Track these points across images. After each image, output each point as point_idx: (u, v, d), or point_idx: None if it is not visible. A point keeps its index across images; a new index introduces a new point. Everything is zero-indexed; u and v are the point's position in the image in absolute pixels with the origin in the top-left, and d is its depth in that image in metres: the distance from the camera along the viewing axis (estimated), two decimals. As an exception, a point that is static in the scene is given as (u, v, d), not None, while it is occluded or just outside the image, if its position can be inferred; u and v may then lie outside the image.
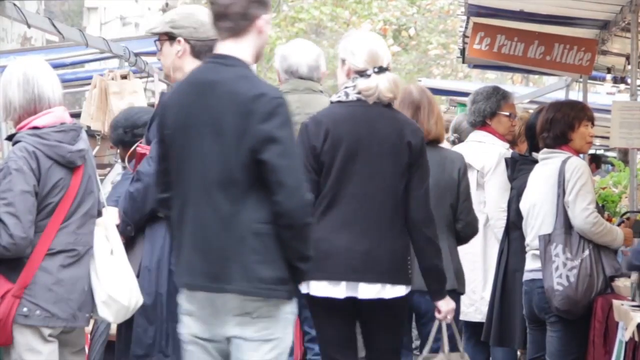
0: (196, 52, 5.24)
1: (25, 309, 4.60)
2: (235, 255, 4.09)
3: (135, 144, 5.54)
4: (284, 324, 4.17)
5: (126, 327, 5.12)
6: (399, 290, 4.91)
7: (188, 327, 4.21)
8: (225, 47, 4.20)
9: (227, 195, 4.10)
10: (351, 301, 4.91)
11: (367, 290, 4.88)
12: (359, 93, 4.99)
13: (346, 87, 5.03)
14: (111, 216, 4.97)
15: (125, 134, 6.01)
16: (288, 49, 6.10)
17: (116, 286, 4.78)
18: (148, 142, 5.21)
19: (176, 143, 4.19)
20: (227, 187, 4.10)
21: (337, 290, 4.88)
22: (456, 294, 5.63)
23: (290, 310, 4.19)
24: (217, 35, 4.26)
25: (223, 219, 4.09)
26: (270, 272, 4.10)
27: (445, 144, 8.12)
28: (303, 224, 4.09)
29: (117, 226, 4.99)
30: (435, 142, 5.75)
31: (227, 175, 4.11)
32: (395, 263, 4.92)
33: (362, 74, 4.97)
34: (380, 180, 4.93)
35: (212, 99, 4.16)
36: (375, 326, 5.02)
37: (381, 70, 4.98)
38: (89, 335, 5.93)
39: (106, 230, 4.86)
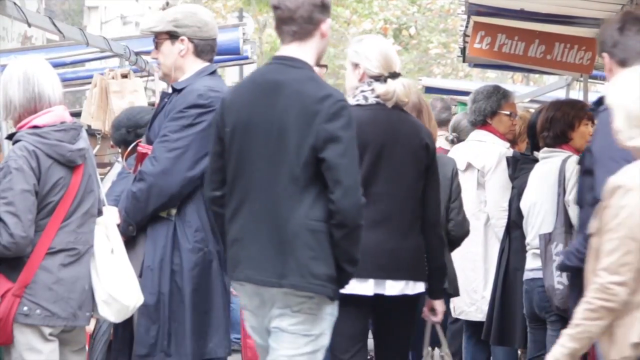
0: (198, 52, 5.24)
1: (25, 308, 4.60)
2: (290, 250, 4.25)
3: (133, 144, 5.54)
4: (324, 322, 4.32)
5: (123, 327, 5.12)
6: (420, 287, 5.10)
7: (248, 320, 4.46)
8: (290, 49, 4.37)
9: (287, 192, 4.26)
10: (375, 298, 5.03)
11: (393, 287, 5.03)
12: (377, 97, 5.08)
13: (363, 91, 5.11)
14: (112, 215, 4.98)
15: (128, 134, 6.02)
16: None
17: (117, 285, 4.78)
18: (149, 142, 5.21)
19: (236, 140, 4.35)
20: (287, 184, 4.27)
21: (365, 287, 4.99)
22: (446, 294, 5.73)
23: (331, 311, 4.33)
24: (280, 38, 4.42)
25: (281, 214, 4.26)
26: (322, 269, 4.25)
27: (444, 143, 8.16)
28: (355, 225, 4.25)
29: (118, 226, 4.99)
30: None
31: (287, 172, 4.27)
32: (417, 260, 5.09)
33: (377, 78, 5.06)
34: (403, 182, 5.07)
35: (278, 98, 4.32)
36: (395, 322, 5.15)
37: (395, 75, 5.07)
38: (89, 335, 5.93)
39: (107, 229, 4.86)
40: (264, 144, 4.32)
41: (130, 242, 5.08)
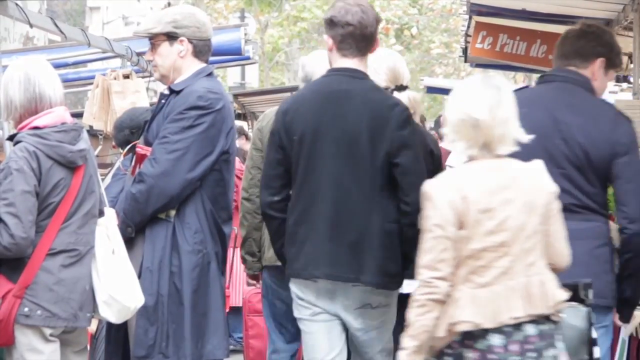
0: (197, 52, 5.24)
1: (26, 309, 4.60)
2: (368, 250, 4.63)
3: (129, 145, 5.52)
4: (394, 309, 4.80)
5: (116, 328, 5.11)
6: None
7: (299, 310, 4.79)
8: (352, 62, 4.74)
9: (362, 195, 4.64)
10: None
11: (410, 286, 5.11)
12: None
13: None
14: (112, 217, 4.97)
15: (131, 135, 6.02)
16: (306, 59, 6.14)
17: (117, 286, 4.77)
18: (147, 143, 5.20)
19: (305, 147, 4.68)
20: (362, 187, 4.63)
21: (413, 287, 5.02)
22: None
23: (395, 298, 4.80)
24: (343, 52, 4.76)
25: (357, 216, 4.63)
26: (395, 268, 4.68)
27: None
28: None
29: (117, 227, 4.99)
30: None
31: (362, 176, 4.64)
32: None
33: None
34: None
35: (348, 106, 4.67)
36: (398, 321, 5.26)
37: (402, 88, 5.20)
38: (91, 335, 5.92)
39: (107, 230, 4.85)
40: (335, 150, 4.66)
41: (128, 244, 5.07)
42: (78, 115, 8.05)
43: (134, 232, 5.10)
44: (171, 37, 5.20)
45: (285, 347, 6.02)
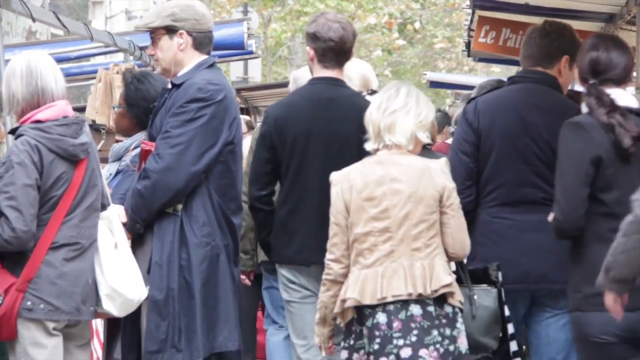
0: (197, 44, 5.22)
1: (29, 303, 4.60)
2: None
3: (137, 142, 5.51)
4: None
5: (131, 323, 5.11)
6: None
7: (289, 293, 5.25)
8: (334, 73, 5.33)
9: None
10: None
11: None
12: None
13: None
14: (117, 213, 4.97)
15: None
16: (298, 72, 6.33)
17: (120, 279, 4.78)
18: (151, 139, 5.20)
19: (298, 148, 5.19)
20: None
21: None
22: None
23: None
24: (325, 64, 5.31)
25: None
26: None
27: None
28: None
29: (125, 224, 4.98)
30: None
31: None
32: None
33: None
34: None
35: (337, 111, 5.27)
36: None
37: (373, 92, 5.69)
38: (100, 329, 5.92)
39: (110, 224, 4.86)
40: (326, 150, 5.25)
41: (137, 239, 5.07)
42: (81, 109, 8.05)
43: (142, 228, 5.09)
44: (170, 30, 5.19)
45: (285, 322, 6.08)
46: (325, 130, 5.24)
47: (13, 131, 4.78)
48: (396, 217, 4.50)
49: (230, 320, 5.13)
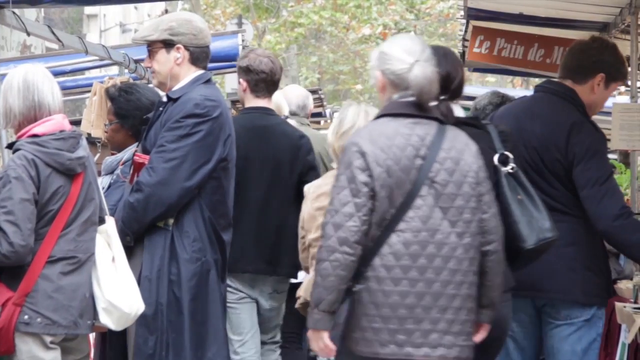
0: (194, 59, 5.23)
1: (26, 317, 4.60)
2: (283, 249, 5.97)
3: (130, 153, 5.51)
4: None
5: (117, 335, 5.09)
6: None
7: (228, 297, 5.58)
8: (263, 102, 6.03)
9: (282, 206, 5.98)
10: None
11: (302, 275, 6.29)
12: None
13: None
14: (113, 224, 4.96)
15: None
16: (287, 88, 7.48)
17: (117, 293, 4.77)
18: (145, 151, 5.19)
19: (237, 170, 5.41)
20: (281, 202, 5.98)
21: (302, 276, 6.17)
22: None
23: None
24: (258, 93, 6.03)
25: (276, 224, 6.02)
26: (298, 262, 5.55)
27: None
28: None
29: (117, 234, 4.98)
30: None
31: (280, 193, 5.99)
32: None
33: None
34: None
35: (270, 138, 5.97)
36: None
37: (287, 117, 6.47)
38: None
39: (108, 237, 4.85)
40: (261, 173, 5.94)
41: (127, 252, 5.06)
42: (76, 123, 8.04)
43: (132, 240, 5.09)
44: (168, 44, 5.19)
45: None
46: (260, 154, 5.94)
47: (10, 145, 4.77)
48: None
49: (219, 336, 5.12)
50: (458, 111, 4.51)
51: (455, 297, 4.08)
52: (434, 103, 4.14)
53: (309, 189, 5.22)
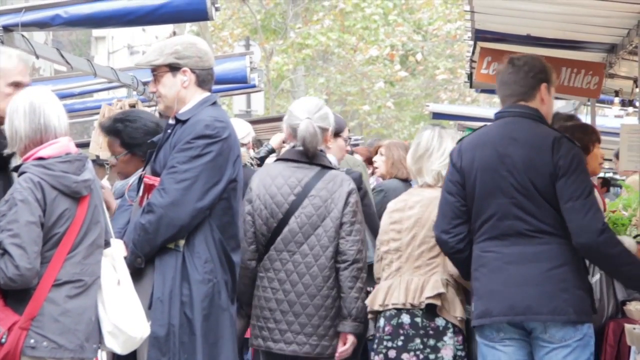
0: (200, 82, 5.24)
1: (32, 341, 4.58)
2: None
3: (137, 176, 5.50)
4: None
5: (128, 357, 5.07)
6: None
7: None
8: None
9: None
10: None
11: None
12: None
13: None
14: (119, 248, 4.95)
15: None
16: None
17: (123, 317, 4.75)
18: (154, 173, 5.18)
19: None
20: None
21: None
22: None
23: None
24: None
25: None
26: None
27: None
28: None
29: (125, 258, 4.97)
30: None
31: None
32: None
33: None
34: None
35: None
36: None
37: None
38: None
39: (113, 261, 4.84)
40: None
41: (137, 274, 5.05)
42: (85, 145, 8.06)
43: (143, 262, 5.08)
44: (173, 68, 5.20)
45: None
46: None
47: (16, 168, 4.77)
48: (404, 239, 5.42)
49: (230, 357, 5.11)
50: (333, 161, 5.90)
51: (308, 305, 5.48)
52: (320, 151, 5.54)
53: (397, 202, 5.57)
